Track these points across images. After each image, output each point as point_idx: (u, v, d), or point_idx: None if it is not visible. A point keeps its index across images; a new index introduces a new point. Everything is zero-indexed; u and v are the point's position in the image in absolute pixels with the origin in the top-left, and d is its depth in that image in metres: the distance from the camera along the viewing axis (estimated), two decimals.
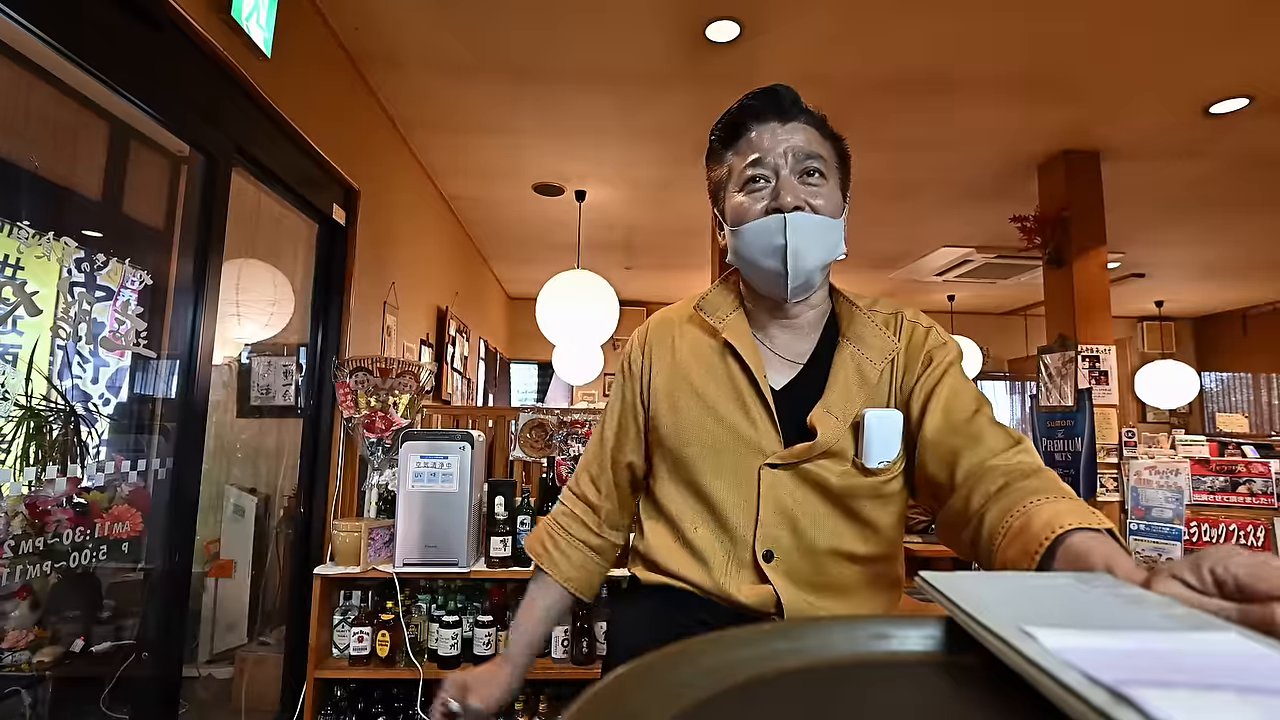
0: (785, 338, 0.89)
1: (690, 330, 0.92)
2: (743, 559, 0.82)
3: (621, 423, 0.95)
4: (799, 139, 0.83)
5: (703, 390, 0.86)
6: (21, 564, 1.30)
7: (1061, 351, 3.28)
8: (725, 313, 0.90)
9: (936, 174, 3.67)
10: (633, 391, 0.94)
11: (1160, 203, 4.00)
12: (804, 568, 0.81)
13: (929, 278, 5.61)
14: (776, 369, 0.87)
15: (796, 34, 2.38)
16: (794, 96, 0.86)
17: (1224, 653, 0.29)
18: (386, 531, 2.19)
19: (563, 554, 0.96)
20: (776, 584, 0.80)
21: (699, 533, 0.85)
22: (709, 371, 0.87)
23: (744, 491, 0.82)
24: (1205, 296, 6.60)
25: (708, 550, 0.84)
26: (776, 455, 0.81)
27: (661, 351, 0.92)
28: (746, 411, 0.83)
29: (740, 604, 0.81)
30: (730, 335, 0.87)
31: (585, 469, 1.00)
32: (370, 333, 2.87)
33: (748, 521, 0.82)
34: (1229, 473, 2.33)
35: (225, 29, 1.72)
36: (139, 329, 1.59)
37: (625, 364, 0.97)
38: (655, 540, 0.90)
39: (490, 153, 3.51)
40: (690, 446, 0.85)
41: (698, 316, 0.91)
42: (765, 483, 0.81)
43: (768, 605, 0.81)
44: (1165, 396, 5.47)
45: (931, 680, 0.33)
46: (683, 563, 0.85)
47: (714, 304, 0.91)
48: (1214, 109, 2.83)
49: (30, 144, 1.50)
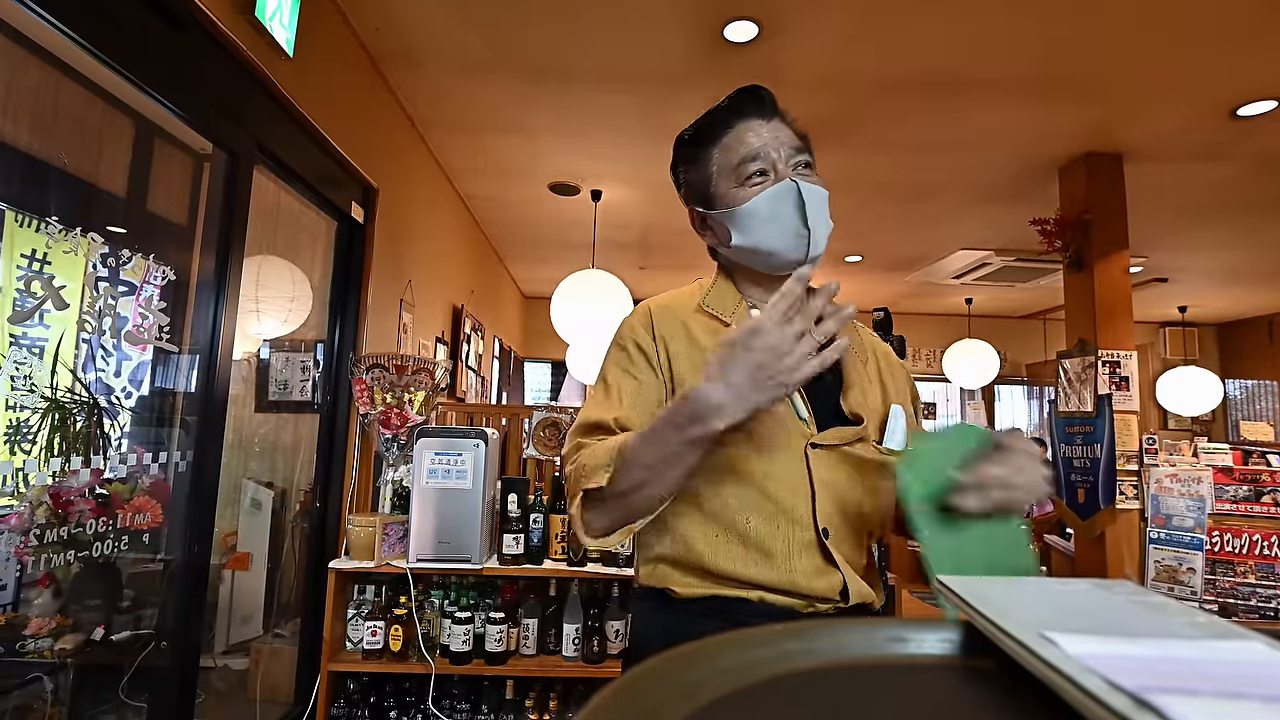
0: None
1: (702, 321, 0.91)
2: (804, 540, 0.81)
3: (638, 402, 0.85)
4: (786, 135, 0.89)
5: None
6: (45, 552, 1.33)
7: (1081, 356, 3.23)
8: (732, 308, 0.92)
9: (955, 175, 3.63)
10: (648, 374, 0.87)
11: (1184, 206, 3.93)
12: (850, 545, 0.84)
13: (946, 280, 5.56)
14: None
15: (814, 34, 2.37)
16: (773, 97, 0.91)
17: (1249, 661, 0.28)
18: (400, 527, 2.20)
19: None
20: (840, 563, 0.81)
21: (752, 524, 0.81)
22: None
23: (794, 471, 0.82)
24: (1230, 302, 6.48)
25: (767, 540, 0.80)
26: (819, 436, 0.84)
27: (676, 341, 0.88)
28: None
29: (806, 594, 0.80)
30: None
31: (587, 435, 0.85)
32: (387, 330, 2.90)
33: (804, 501, 0.82)
34: (1253, 482, 2.29)
35: (249, 29, 1.74)
36: (162, 324, 1.62)
37: (633, 345, 0.89)
38: (698, 542, 0.82)
39: (507, 152, 3.52)
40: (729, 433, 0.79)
41: (705, 312, 0.92)
42: (813, 460, 0.83)
43: (833, 592, 0.80)
44: (1188, 403, 5.37)
45: (948, 683, 0.33)
46: (739, 560, 0.81)
47: (719, 301, 0.93)
48: (1240, 111, 2.78)
49: (59, 141, 1.53)
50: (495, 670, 2.13)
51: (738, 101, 0.90)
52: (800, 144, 0.90)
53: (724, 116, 0.90)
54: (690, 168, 0.94)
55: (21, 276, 1.32)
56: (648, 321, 0.91)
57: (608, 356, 0.93)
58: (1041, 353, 7.19)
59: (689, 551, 0.83)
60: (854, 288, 6.27)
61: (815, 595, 0.80)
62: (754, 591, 0.81)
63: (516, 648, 2.20)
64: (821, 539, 0.81)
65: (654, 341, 0.89)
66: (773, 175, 0.86)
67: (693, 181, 0.94)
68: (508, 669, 2.14)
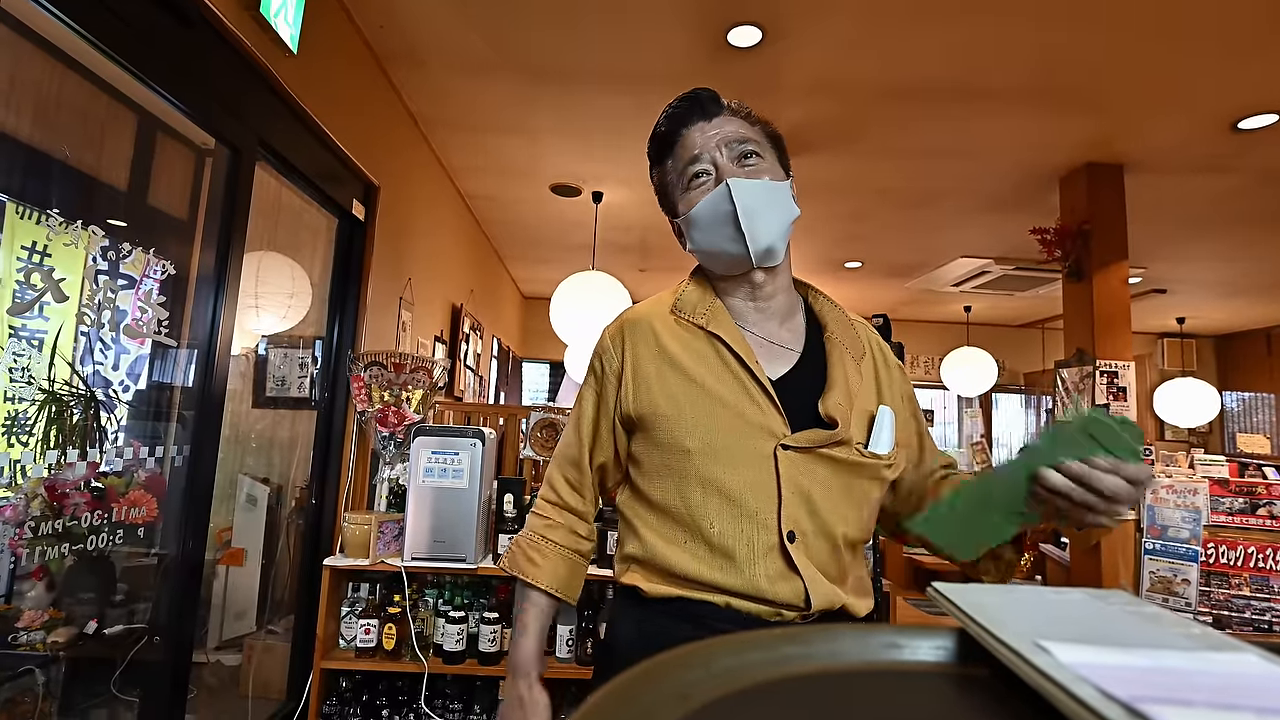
0: (766, 324, 0.92)
1: (671, 326, 0.91)
2: (768, 543, 0.80)
3: (596, 424, 0.94)
4: (729, 129, 0.89)
5: (701, 380, 0.85)
6: (39, 545, 1.33)
7: (1079, 366, 3.24)
8: (704, 308, 0.91)
9: (956, 183, 3.64)
10: (606, 392, 0.92)
11: (1184, 218, 3.95)
12: (821, 550, 0.83)
13: (946, 288, 5.57)
14: (768, 357, 0.88)
15: (817, 40, 2.37)
16: (713, 95, 0.92)
17: (1243, 673, 0.28)
18: (396, 525, 2.20)
19: (554, 566, 0.94)
20: (802, 568, 0.80)
21: (715, 528, 0.81)
22: (703, 363, 0.87)
23: (761, 473, 0.82)
24: (1229, 314, 6.50)
25: (730, 544, 0.81)
26: (791, 438, 0.82)
27: (644, 349, 0.90)
28: (751, 397, 0.84)
29: (768, 599, 0.80)
30: (716, 328, 0.88)
31: (562, 475, 0.97)
32: (385, 328, 2.90)
33: (769, 503, 0.81)
34: (1249, 494, 2.29)
35: (254, 25, 1.74)
36: (161, 318, 1.62)
37: (596, 364, 0.95)
38: (662, 544, 0.84)
39: (509, 152, 3.53)
40: (693, 439, 0.83)
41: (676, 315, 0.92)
42: (783, 463, 0.82)
43: (797, 598, 0.80)
44: (1185, 415, 5.38)
45: (942, 691, 0.33)
46: (703, 563, 0.81)
47: (690, 302, 0.93)
48: (1241, 124, 2.79)
49: (62, 134, 1.53)
50: (488, 670, 2.12)
51: (680, 108, 0.92)
52: (749, 134, 0.89)
53: (671, 124, 0.92)
54: (656, 179, 0.98)
55: (21, 268, 1.32)
56: (616, 335, 0.94)
57: (585, 378, 0.98)
58: (1040, 362, 7.20)
59: (655, 554, 0.85)
60: (854, 294, 6.27)
61: (779, 601, 0.80)
62: (719, 596, 0.81)
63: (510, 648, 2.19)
64: (784, 543, 0.80)
65: (617, 356, 0.92)
66: (714, 174, 0.87)
67: (660, 191, 0.97)
68: (501, 669, 2.13)
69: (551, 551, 0.94)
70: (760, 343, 0.89)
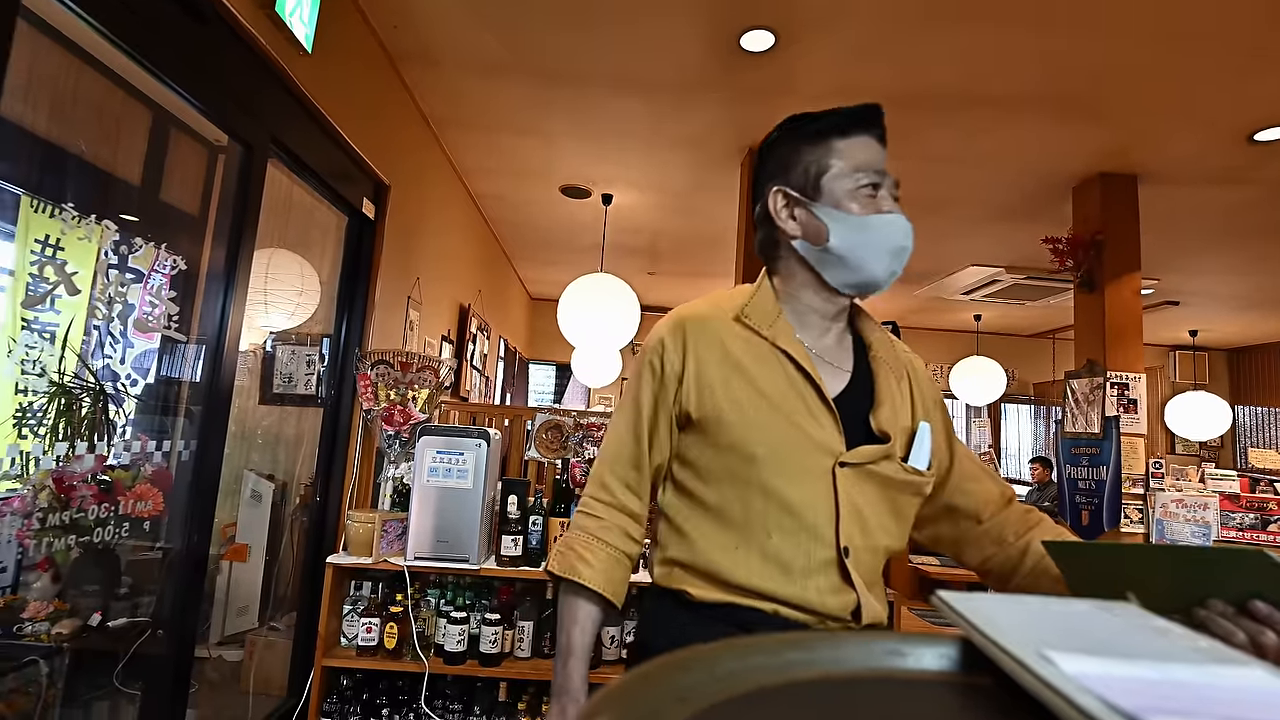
0: (825, 342, 0.92)
1: (739, 331, 0.89)
2: (825, 558, 0.81)
3: (655, 425, 0.90)
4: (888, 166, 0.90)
5: (769, 392, 0.85)
6: (46, 536, 1.34)
7: (1090, 377, 3.21)
8: (770, 319, 0.90)
9: (967, 191, 3.63)
10: (665, 393, 0.89)
11: (1198, 230, 3.91)
12: (867, 565, 0.84)
13: (956, 296, 5.54)
14: (826, 375, 0.88)
15: (829, 45, 2.37)
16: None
17: (1248, 687, 0.28)
18: (400, 524, 2.21)
19: (607, 568, 0.89)
20: (856, 583, 0.82)
21: (773, 539, 0.81)
22: (770, 375, 0.86)
23: (820, 488, 0.82)
24: (1242, 328, 6.43)
25: (787, 556, 0.81)
26: (849, 455, 0.83)
27: (707, 352, 0.88)
28: (813, 414, 0.84)
29: (818, 612, 0.80)
30: (783, 343, 0.88)
31: (616, 475, 0.92)
32: (393, 326, 2.91)
33: (828, 519, 0.82)
34: (1260, 509, 2.27)
35: (269, 24, 1.75)
36: (171, 312, 1.63)
37: (655, 364, 0.90)
38: (713, 549, 0.83)
39: (520, 153, 3.54)
40: (760, 446, 0.82)
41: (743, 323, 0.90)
42: (840, 480, 0.82)
43: (846, 611, 0.82)
44: (1196, 428, 5.33)
45: (944, 699, 0.32)
46: (756, 573, 0.81)
47: (759, 312, 0.90)
48: (1257, 136, 2.77)
49: (78, 129, 1.55)
50: (489, 672, 2.12)
51: (865, 113, 0.89)
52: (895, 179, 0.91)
53: (854, 120, 0.89)
54: (806, 149, 0.89)
55: (35, 261, 1.33)
56: (679, 333, 0.89)
57: (638, 366, 0.93)
58: (1050, 372, 7.15)
59: (704, 559, 0.83)
60: (863, 300, 6.25)
61: (828, 613, 0.81)
62: (768, 604, 0.81)
63: (511, 650, 2.19)
64: (842, 558, 0.81)
65: (679, 356, 0.88)
66: (877, 195, 0.88)
67: (806, 164, 0.89)
68: (502, 671, 2.13)
69: (605, 553, 0.89)
70: (817, 360, 0.90)
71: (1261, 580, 0.59)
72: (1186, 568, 0.63)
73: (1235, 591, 0.60)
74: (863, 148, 0.88)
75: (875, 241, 0.87)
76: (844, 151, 0.88)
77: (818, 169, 0.88)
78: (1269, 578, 0.59)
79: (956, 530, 0.97)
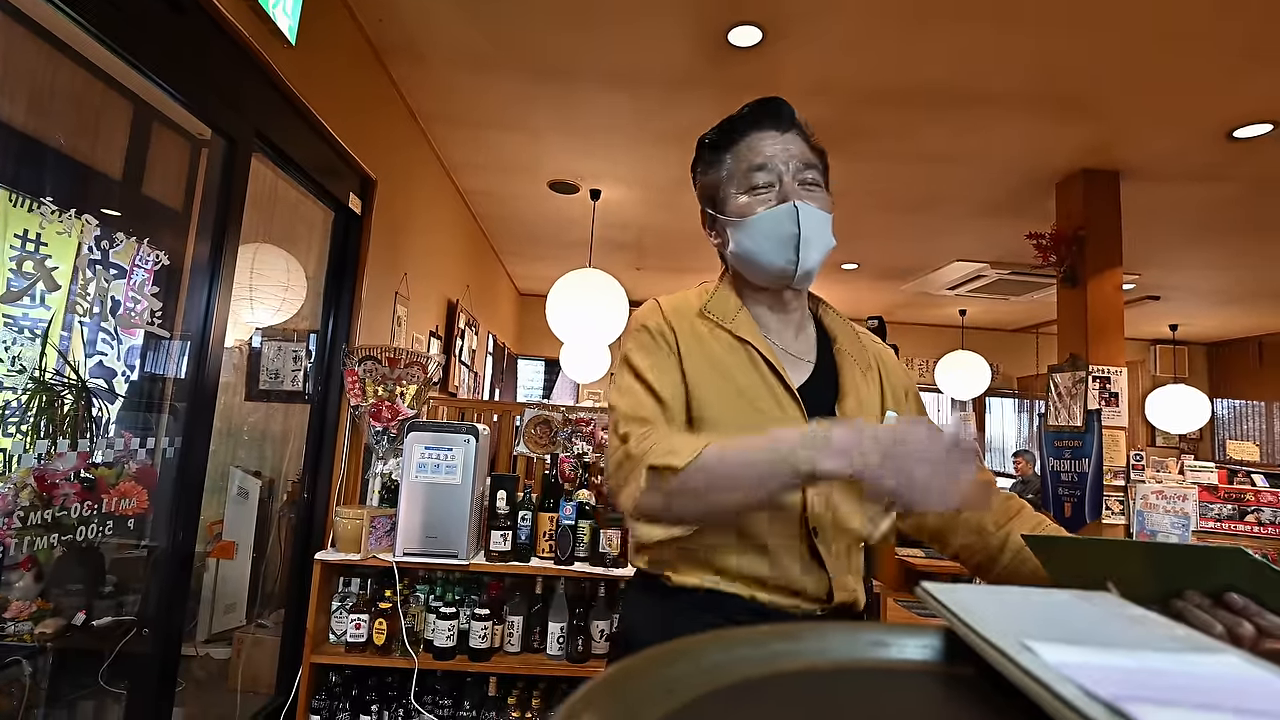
0: (784, 333, 0.95)
1: (707, 324, 0.93)
2: (793, 536, 0.85)
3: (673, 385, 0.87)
4: (795, 148, 0.91)
5: (737, 380, 0.88)
6: (28, 535, 1.32)
7: (1072, 371, 3.26)
8: (732, 313, 0.94)
9: (953, 187, 3.65)
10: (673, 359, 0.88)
11: (1179, 225, 3.97)
12: (839, 546, 0.87)
13: (941, 291, 5.58)
14: (788, 366, 0.92)
15: (816, 41, 2.38)
16: (791, 110, 0.93)
17: (1224, 675, 0.28)
18: (388, 520, 2.20)
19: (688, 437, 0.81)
20: (826, 561, 0.85)
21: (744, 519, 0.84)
22: (737, 365, 0.90)
23: None
24: (1221, 322, 6.54)
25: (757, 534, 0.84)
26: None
27: (686, 338, 0.91)
28: (779, 403, 0.88)
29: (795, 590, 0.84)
30: (746, 334, 0.91)
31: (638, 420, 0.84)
32: (380, 322, 2.89)
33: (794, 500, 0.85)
34: (1237, 501, 2.31)
35: (251, 15, 1.73)
36: (154, 308, 1.61)
37: (658, 332, 0.90)
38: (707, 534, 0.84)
39: (508, 149, 3.52)
40: (728, 431, 0.83)
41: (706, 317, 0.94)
42: None
43: (820, 591, 0.85)
44: (1176, 421, 5.42)
45: (928, 689, 0.33)
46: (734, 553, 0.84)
47: (720, 307, 0.95)
48: (1237, 133, 2.81)
49: (56, 122, 1.52)
50: (479, 667, 2.12)
51: (756, 111, 0.92)
52: (812, 159, 0.92)
53: (742, 124, 0.92)
54: (706, 169, 0.97)
55: (14, 257, 1.31)
56: (662, 315, 0.93)
57: (632, 343, 0.92)
58: (1033, 366, 7.23)
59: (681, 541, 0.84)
60: (849, 295, 6.29)
61: (801, 592, 0.85)
62: (744, 586, 0.85)
63: (501, 645, 2.19)
64: (810, 538, 0.85)
65: (671, 333, 0.92)
66: (778, 187, 0.89)
67: (706, 182, 0.97)
68: (491, 666, 2.13)
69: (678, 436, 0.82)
70: (780, 352, 0.93)
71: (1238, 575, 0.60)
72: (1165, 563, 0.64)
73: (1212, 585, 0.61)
74: (755, 144, 0.90)
75: (761, 237, 0.89)
76: (738, 154, 0.92)
77: (715, 179, 0.94)
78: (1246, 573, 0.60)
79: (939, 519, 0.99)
